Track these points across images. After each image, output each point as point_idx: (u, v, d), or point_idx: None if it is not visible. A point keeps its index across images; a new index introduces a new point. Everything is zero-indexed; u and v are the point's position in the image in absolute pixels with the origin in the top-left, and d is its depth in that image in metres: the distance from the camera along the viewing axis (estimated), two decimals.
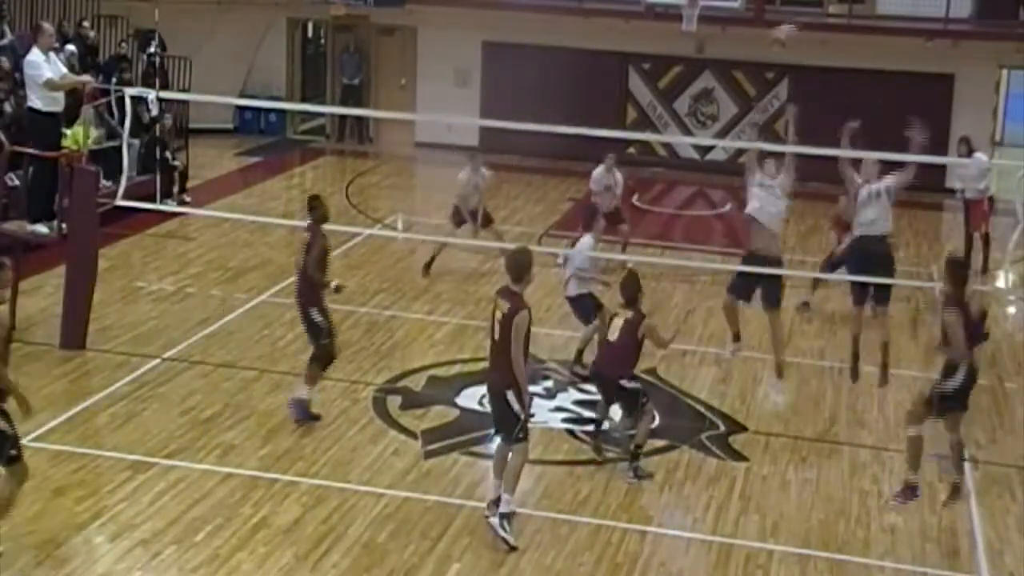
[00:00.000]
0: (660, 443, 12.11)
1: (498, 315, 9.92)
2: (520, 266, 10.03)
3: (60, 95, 14.08)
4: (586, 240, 14.39)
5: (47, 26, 14.40)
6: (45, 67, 13.71)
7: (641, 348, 11.64)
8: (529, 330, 9.85)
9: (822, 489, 11.38)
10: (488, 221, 17.42)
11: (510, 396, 9.88)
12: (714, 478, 11.46)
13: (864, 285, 12.81)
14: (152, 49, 22.40)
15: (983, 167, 18.39)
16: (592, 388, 13.37)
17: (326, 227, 12.17)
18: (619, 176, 17.91)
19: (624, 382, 11.51)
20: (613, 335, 11.60)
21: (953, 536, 10.66)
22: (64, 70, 14.41)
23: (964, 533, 10.72)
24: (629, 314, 11.60)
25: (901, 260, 19.45)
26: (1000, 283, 17.55)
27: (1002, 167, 21.19)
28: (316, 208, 12.20)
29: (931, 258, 19.46)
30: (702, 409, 12.82)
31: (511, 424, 10.00)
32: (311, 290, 11.98)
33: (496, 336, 9.93)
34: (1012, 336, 16.00)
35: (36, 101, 13.89)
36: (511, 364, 9.80)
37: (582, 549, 10.06)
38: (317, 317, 11.96)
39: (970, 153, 18.47)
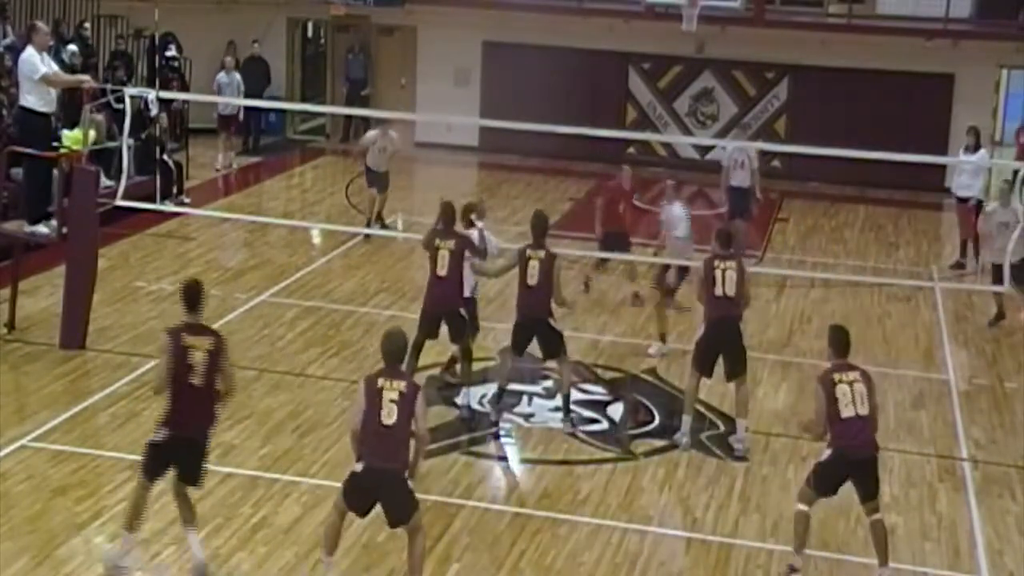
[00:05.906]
0: (660, 443, 12.12)
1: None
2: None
3: (53, 95, 14.00)
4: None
5: (42, 25, 14.36)
6: (40, 64, 13.70)
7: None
8: None
9: None
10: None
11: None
12: (714, 478, 11.45)
13: None
14: (171, 53, 22.48)
15: (982, 164, 18.27)
16: (592, 388, 13.40)
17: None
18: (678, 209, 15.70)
19: (552, 321, 12.05)
20: (532, 279, 11.95)
21: (953, 536, 10.66)
22: (57, 69, 14.39)
23: (964, 533, 10.71)
24: (542, 254, 12.01)
25: (901, 259, 19.55)
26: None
27: (1000, 167, 21.15)
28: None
29: (931, 257, 19.46)
30: (702, 409, 12.80)
31: None
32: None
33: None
34: (1012, 336, 15.98)
35: (29, 99, 13.84)
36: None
37: (582, 549, 10.05)
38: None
39: (976, 148, 18.28)
